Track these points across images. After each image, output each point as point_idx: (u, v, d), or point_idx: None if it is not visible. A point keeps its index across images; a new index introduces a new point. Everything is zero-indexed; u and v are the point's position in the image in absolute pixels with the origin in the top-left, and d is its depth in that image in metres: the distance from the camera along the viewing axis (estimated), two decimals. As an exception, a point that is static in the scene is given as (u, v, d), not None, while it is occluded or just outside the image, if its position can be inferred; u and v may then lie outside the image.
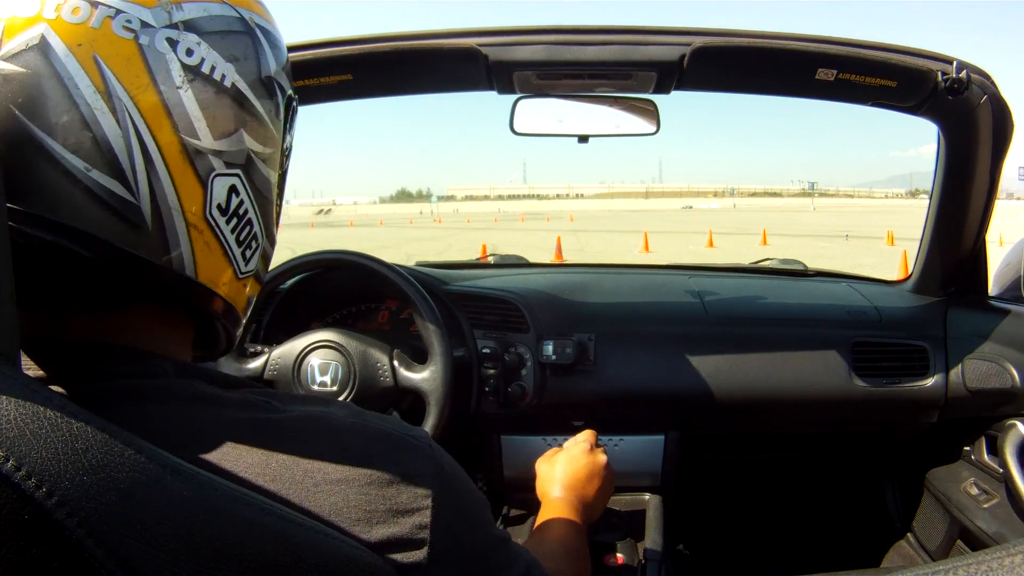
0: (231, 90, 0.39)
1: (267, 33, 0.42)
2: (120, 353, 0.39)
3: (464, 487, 0.43)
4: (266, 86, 0.41)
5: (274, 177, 0.44)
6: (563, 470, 0.84)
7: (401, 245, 14.33)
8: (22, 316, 0.31)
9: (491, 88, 1.05)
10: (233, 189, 0.40)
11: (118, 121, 0.34)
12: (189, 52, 0.37)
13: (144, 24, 0.35)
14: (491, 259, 1.70)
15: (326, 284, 1.22)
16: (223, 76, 0.38)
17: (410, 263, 1.42)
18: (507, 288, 1.25)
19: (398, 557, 0.37)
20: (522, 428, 1.24)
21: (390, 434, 0.40)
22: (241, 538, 0.30)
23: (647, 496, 1.19)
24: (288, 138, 0.46)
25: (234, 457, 0.35)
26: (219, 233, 0.40)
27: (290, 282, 1.18)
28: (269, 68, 0.42)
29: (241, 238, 0.42)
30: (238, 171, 0.40)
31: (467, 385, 1.16)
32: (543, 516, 0.77)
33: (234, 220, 0.41)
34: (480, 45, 0.96)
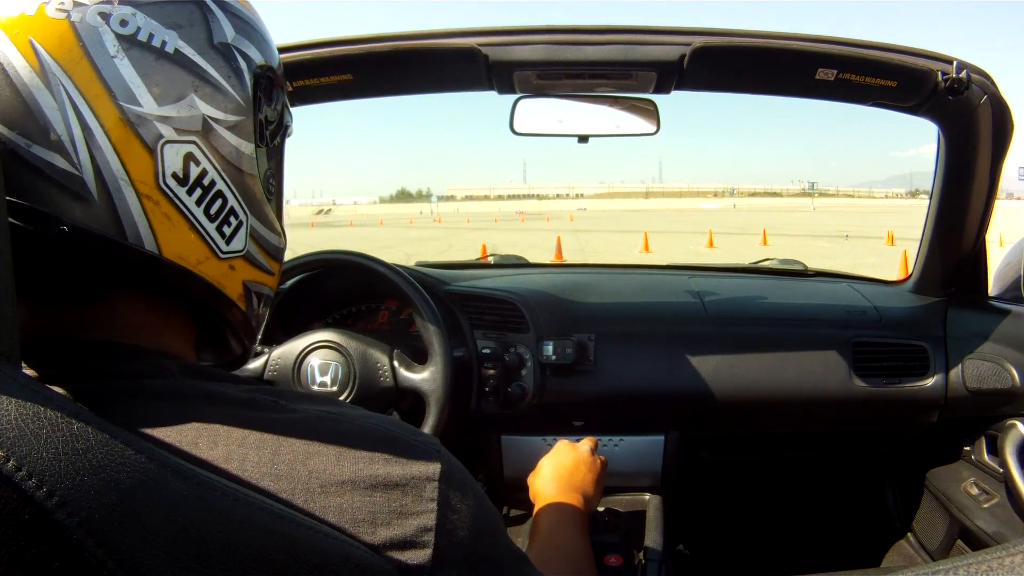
0: (174, 55, 0.39)
1: (223, 4, 0.42)
2: (125, 352, 0.39)
3: (473, 494, 0.42)
4: (221, 52, 0.41)
5: (249, 148, 0.43)
6: (550, 466, 0.87)
7: (401, 245, 14.33)
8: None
9: (491, 88, 1.05)
10: (190, 157, 0.39)
11: (54, 95, 0.35)
12: (123, 23, 0.37)
13: (77, 3, 0.37)
14: (491, 259, 1.70)
15: (326, 284, 1.22)
16: (164, 43, 0.38)
17: (410, 263, 1.42)
18: (507, 288, 1.25)
19: (402, 557, 0.37)
20: (522, 428, 1.24)
21: (398, 438, 0.40)
22: (242, 538, 0.30)
23: (647, 496, 1.19)
24: (268, 110, 0.45)
25: (240, 457, 0.35)
26: (180, 205, 0.39)
27: (290, 282, 1.18)
28: (224, 35, 0.41)
29: (213, 212, 0.41)
30: (193, 138, 0.39)
31: (467, 385, 1.16)
32: (540, 517, 0.78)
33: (198, 191, 0.40)
34: (480, 45, 0.96)
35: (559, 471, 0.86)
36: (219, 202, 0.41)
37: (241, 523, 0.31)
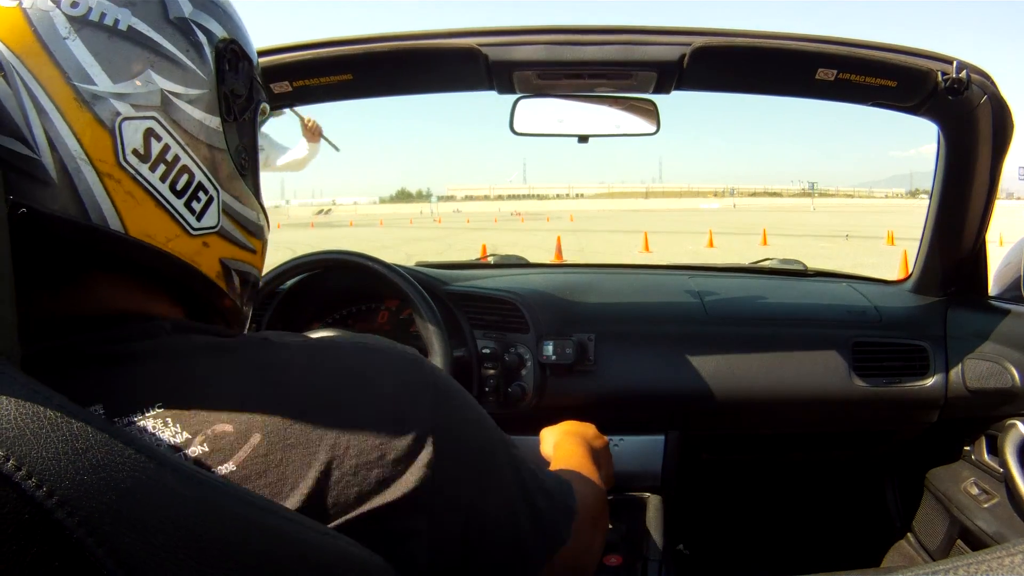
0: (128, 33, 0.39)
1: None
2: (113, 320, 0.39)
3: (471, 428, 0.43)
4: (177, 27, 0.41)
5: (214, 123, 0.43)
6: (571, 426, 0.91)
7: (401, 245, 14.31)
8: None
9: (491, 88, 1.05)
10: (151, 133, 0.39)
11: (8, 82, 0.36)
12: (74, 4, 0.37)
13: None
14: (491, 259, 1.70)
15: (326, 284, 1.22)
16: (116, 21, 0.38)
17: (410, 263, 1.42)
18: (507, 288, 1.25)
19: (395, 527, 0.37)
20: (522, 428, 1.23)
21: (372, 379, 0.40)
22: (242, 537, 0.30)
23: (647, 496, 1.19)
24: (234, 83, 0.45)
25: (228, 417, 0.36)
26: (143, 182, 0.39)
27: (290, 282, 1.18)
28: (181, 10, 0.41)
29: (179, 188, 0.41)
30: (153, 113, 0.39)
31: (467, 385, 1.15)
32: (554, 463, 0.78)
33: (161, 167, 0.40)
34: (480, 45, 0.96)
35: (582, 430, 0.89)
36: (185, 177, 0.41)
37: (242, 522, 0.31)
